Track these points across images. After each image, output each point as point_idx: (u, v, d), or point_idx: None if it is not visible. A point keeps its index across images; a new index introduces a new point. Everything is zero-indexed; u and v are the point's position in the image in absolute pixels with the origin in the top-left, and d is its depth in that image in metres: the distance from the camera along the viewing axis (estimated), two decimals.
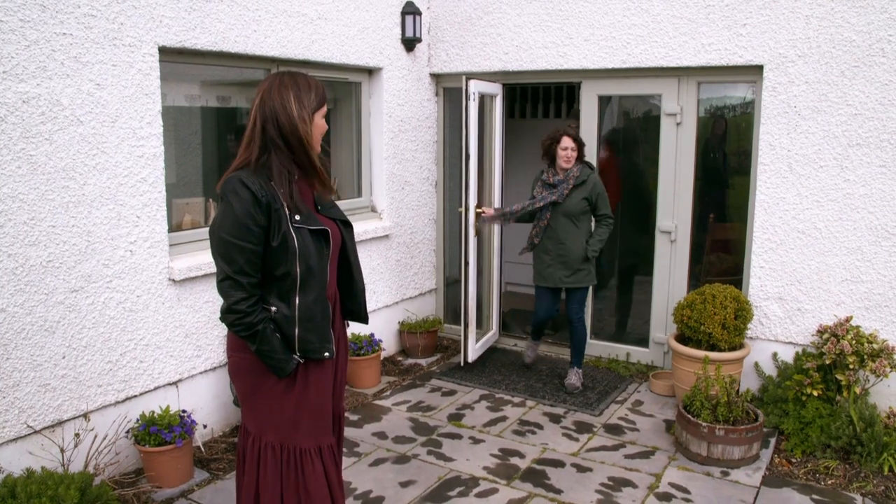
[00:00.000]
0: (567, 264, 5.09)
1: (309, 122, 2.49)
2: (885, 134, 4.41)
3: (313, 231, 2.53)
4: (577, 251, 5.06)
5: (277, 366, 2.52)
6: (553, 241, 5.11)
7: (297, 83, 2.51)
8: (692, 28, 4.98)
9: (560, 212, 5.05)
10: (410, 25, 5.70)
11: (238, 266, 2.41)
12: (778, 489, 3.96)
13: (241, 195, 2.39)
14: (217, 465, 4.15)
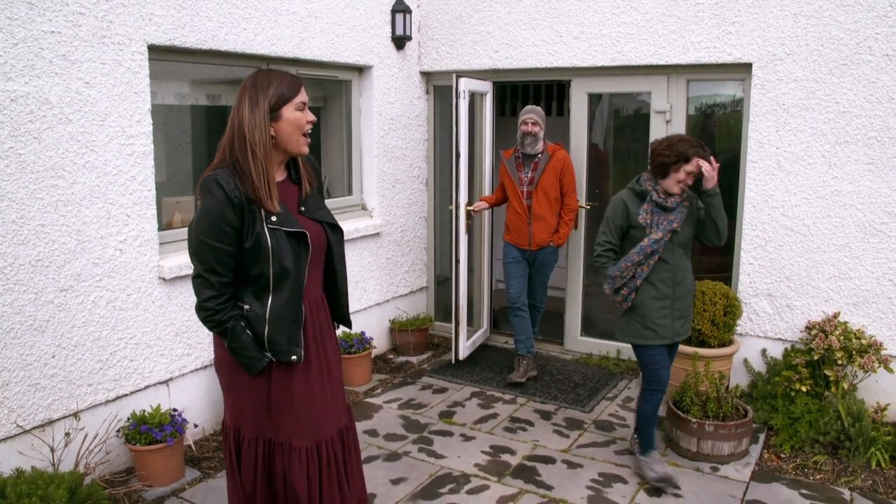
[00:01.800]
0: (683, 311, 3.89)
1: (261, 126, 2.40)
2: (872, 132, 4.45)
3: (290, 233, 2.49)
4: (690, 291, 3.94)
5: (248, 363, 2.53)
6: (669, 282, 3.82)
7: (255, 83, 2.44)
8: (681, 26, 5.00)
9: (677, 242, 3.82)
10: (400, 23, 5.70)
11: (209, 265, 2.42)
12: (767, 484, 3.98)
13: (216, 195, 2.39)
14: (208, 464, 4.15)
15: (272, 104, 2.42)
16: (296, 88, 2.48)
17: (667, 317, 3.83)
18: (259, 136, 2.41)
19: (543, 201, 5.28)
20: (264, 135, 2.42)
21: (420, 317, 6.22)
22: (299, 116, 2.48)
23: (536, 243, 5.35)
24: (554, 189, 5.26)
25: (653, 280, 3.80)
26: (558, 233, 5.34)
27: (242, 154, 2.41)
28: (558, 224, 5.34)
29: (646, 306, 3.82)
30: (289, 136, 2.48)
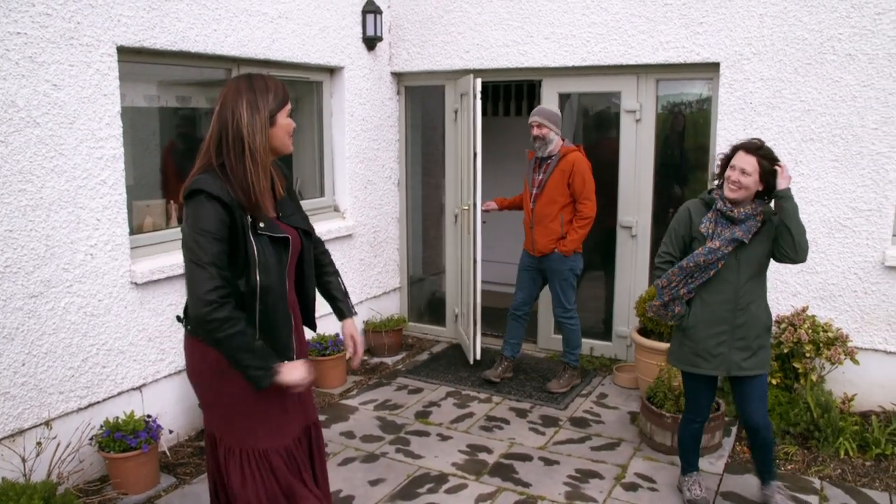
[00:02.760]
0: (747, 341, 3.37)
1: (262, 131, 2.42)
2: (836, 129, 4.55)
3: (273, 238, 2.50)
4: (760, 320, 3.38)
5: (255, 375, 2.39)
6: (729, 305, 3.35)
7: (252, 87, 2.44)
8: (650, 26, 5.07)
9: (744, 260, 3.33)
10: (371, 24, 5.69)
11: (210, 258, 2.34)
12: (741, 475, 4.06)
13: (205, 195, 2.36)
14: (184, 470, 4.11)
15: (271, 110, 2.44)
16: (287, 96, 2.53)
17: (724, 344, 3.38)
18: (260, 141, 2.41)
19: (548, 206, 5.04)
20: (265, 139, 2.43)
21: (394, 318, 6.22)
22: (289, 122, 2.54)
23: (539, 249, 5.14)
24: (561, 193, 4.99)
25: (710, 300, 3.38)
26: (564, 240, 5.05)
27: (238, 158, 2.40)
28: (566, 231, 5.05)
29: (698, 330, 3.42)
30: (280, 141, 2.51)
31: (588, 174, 4.97)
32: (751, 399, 3.44)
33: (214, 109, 2.47)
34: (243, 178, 2.40)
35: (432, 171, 6.97)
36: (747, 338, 3.37)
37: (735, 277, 3.34)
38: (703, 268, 3.34)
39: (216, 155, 2.43)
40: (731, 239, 3.28)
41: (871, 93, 4.46)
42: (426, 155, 6.91)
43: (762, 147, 3.27)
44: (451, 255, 6.38)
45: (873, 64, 4.43)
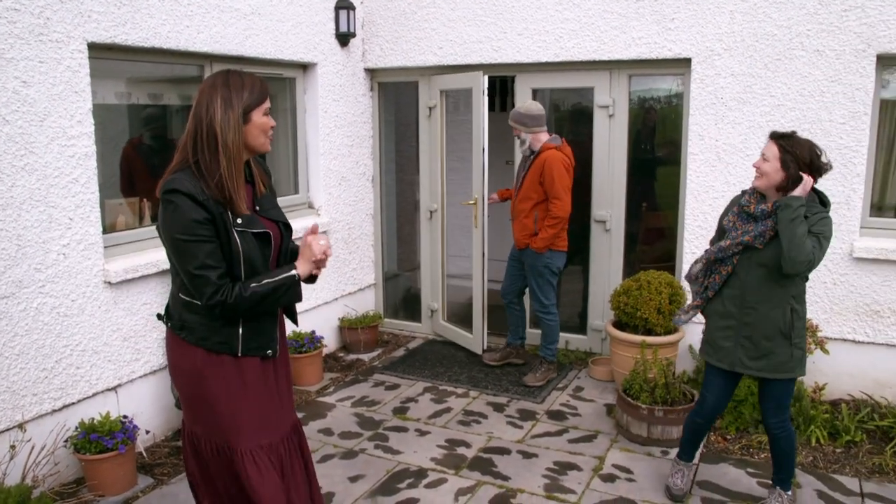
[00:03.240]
0: (753, 341, 3.36)
1: (235, 128, 2.41)
2: (805, 123, 4.63)
3: (256, 234, 2.52)
4: (772, 322, 3.30)
5: (290, 295, 2.53)
6: (737, 302, 3.39)
7: (227, 83, 2.43)
8: (623, 22, 5.11)
9: (756, 260, 3.31)
10: (344, 20, 5.67)
11: (199, 262, 2.38)
12: (715, 465, 4.13)
13: (181, 195, 2.37)
14: (161, 470, 4.07)
15: (245, 107, 2.43)
16: (265, 94, 2.51)
17: (729, 339, 3.42)
18: (233, 137, 2.40)
19: (523, 202, 5.15)
20: (237, 136, 2.42)
21: (370, 314, 6.21)
22: (265, 121, 2.52)
23: (517, 242, 5.30)
24: (535, 191, 5.06)
25: (723, 293, 3.43)
26: (536, 237, 5.11)
27: (212, 154, 2.40)
28: (539, 228, 5.10)
29: (710, 320, 3.52)
30: (255, 139, 2.51)
31: (559, 173, 4.96)
32: (763, 400, 3.48)
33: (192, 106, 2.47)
34: (217, 175, 2.40)
35: (406, 168, 6.97)
36: (754, 338, 3.35)
37: (745, 275, 3.34)
38: (715, 263, 3.42)
39: (192, 151, 2.43)
40: (740, 242, 3.30)
41: (838, 88, 4.55)
42: (399, 151, 6.90)
43: (787, 136, 3.22)
44: (426, 251, 6.39)
45: (840, 60, 4.52)
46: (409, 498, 3.80)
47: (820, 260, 3.16)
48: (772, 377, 3.37)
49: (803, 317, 3.33)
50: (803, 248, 3.08)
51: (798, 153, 3.14)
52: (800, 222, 3.09)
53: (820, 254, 3.14)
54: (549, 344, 5.35)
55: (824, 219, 3.18)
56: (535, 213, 5.10)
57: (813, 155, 3.17)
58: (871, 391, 4.64)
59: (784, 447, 3.48)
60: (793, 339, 3.29)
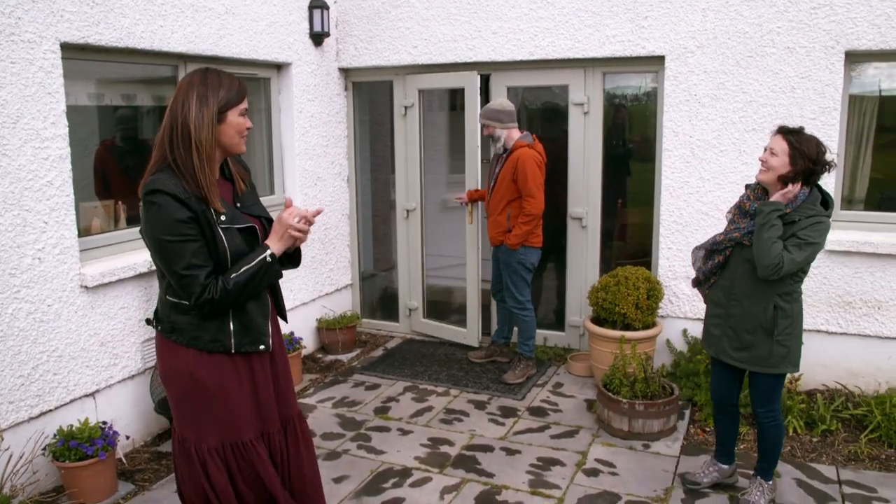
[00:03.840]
0: (737, 332, 3.42)
1: (209, 125, 2.40)
2: (777, 119, 4.71)
3: (241, 229, 2.52)
4: (755, 317, 3.34)
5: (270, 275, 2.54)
6: (725, 293, 3.46)
7: (205, 81, 2.43)
8: (597, 20, 5.16)
9: (744, 255, 3.36)
10: (318, 20, 5.64)
11: (185, 262, 2.37)
12: (696, 457, 4.18)
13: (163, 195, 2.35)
14: (142, 476, 4.01)
15: (221, 106, 2.42)
16: (242, 94, 2.51)
17: (717, 328, 3.51)
18: (205, 135, 2.39)
19: (497, 200, 5.19)
20: (210, 134, 2.41)
21: (347, 314, 6.19)
22: (241, 122, 2.51)
23: (491, 239, 5.34)
24: (508, 189, 5.09)
25: (718, 283, 3.51)
26: (510, 233, 5.15)
27: (186, 151, 2.39)
28: (512, 225, 5.13)
29: (707, 308, 3.61)
30: (230, 139, 2.50)
31: (532, 170, 4.97)
32: (751, 390, 3.54)
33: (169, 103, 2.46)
34: (192, 172, 2.40)
35: (380, 168, 6.96)
36: (737, 329, 3.41)
37: (734, 268, 3.41)
38: (711, 253, 3.49)
39: (168, 148, 2.42)
40: (730, 238, 3.37)
41: (808, 84, 4.64)
42: (374, 151, 6.89)
43: (796, 132, 3.23)
44: (402, 250, 6.39)
45: (810, 56, 4.61)
46: (395, 497, 3.80)
47: (798, 264, 3.17)
48: (754, 370, 3.42)
49: (792, 315, 3.33)
50: (769, 254, 3.14)
51: (806, 150, 3.16)
52: (769, 228, 3.16)
53: (797, 259, 3.15)
54: (526, 340, 5.38)
55: (817, 224, 3.17)
56: (509, 211, 5.14)
57: (819, 152, 3.19)
58: (844, 381, 4.74)
59: (770, 437, 3.52)
60: (775, 335, 3.31)
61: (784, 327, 3.32)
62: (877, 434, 4.28)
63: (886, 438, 4.23)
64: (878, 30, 4.45)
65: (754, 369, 3.42)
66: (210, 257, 2.44)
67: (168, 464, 4.14)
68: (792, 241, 3.17)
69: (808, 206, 3.21)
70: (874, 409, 4.36)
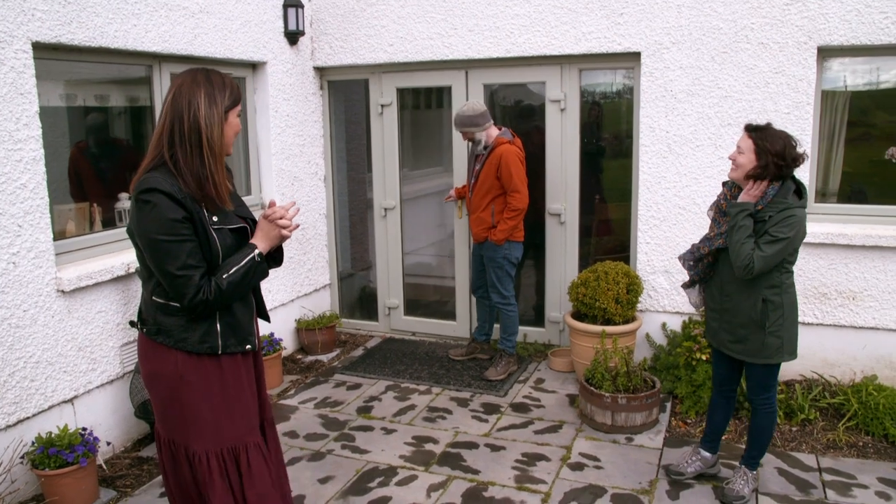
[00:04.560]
0: (732, 326, 3.50)
1: (219, 124, 2.42)
2: (751, 114, 4.78)
3: (232, 230, 2.53)
4: (745, 312, 3.41)
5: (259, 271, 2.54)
6: (717, 289, 3.55)
7: (210, 80, 2.43)
8: (573, 17, 5.18)
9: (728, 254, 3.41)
10: (293, 18, 5.59)
11: (181, 262, 2.35)
12: (679, 449, 4.22)
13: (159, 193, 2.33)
14: (124, 482, 3.96)
15: (227, 105, 2.44)
16: (240, 96, 2.54)
17: (715, 321, 3.59)
18: (217, 133, 2.41)
19: (480, 197, 5.15)
20: (221, 133, 2.42)
21: (327, 315, 6.16)
22: (237, 123, 2.54)
23: (475, 237, 5.30)
24: (492, 185, 5.06)
25: (711, 281, 3.59)
26: (494, 229, 5.13)
27: (195, 149, 2.38)
28: (497, 220, 5.11)
29: (705, 303, 3.70)
30: (229, 139, 2.51)
31: (516, 166, 4.98)
32: (747, 379, 3.61)
33: (165, 101, 2.42)
34: (200, 170, 2.39)
35: (356, 167, 6.92)
36: (731, 324, 3.49)
37: (722, 266, 3.48)
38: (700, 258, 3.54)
39: (168, 146, 2.39)
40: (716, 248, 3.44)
41: (782, 79, 4.71)
42: (350, 150, 6.84)
43: (761, 129, 3.28)
44: (381, 249, 6.37)
45: (784, 52, 4.68)
46: (382, 496, 3.79)
47: (771, 260, 3.21)
48: (750, 361, 3.48)
49: (782, 307, 3.36)
50: (738, 255, 3.23)
51: (770, 146, 3.20)
52: (737, 230, 3.24)
53: (768, 254, 3.19)
54: (509, 336, 5.39)
55: (788, 218, 3.20)
56: (493, 207, 5.12)
57: (787, 146, 3.22)
58: (820, 371, 4.82)
59: (762, 423, 3.57)
60: (766, 328, 3.36)
61: (775, 319, 3.37)
62: (854, 422, 4.35)
63: (863, 426, 4.32)
64: (849, 25, 4.52)
65: (751, 360, 3.47)
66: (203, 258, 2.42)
67: (150, 469, 4.09)
68: (764, 239, 3.22)
69: (779, 201, 3.24)
70: (851, 397, 4.44)
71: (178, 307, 2.42)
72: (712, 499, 3.70)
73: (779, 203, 3.24)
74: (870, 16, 4.48)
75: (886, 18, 4.44)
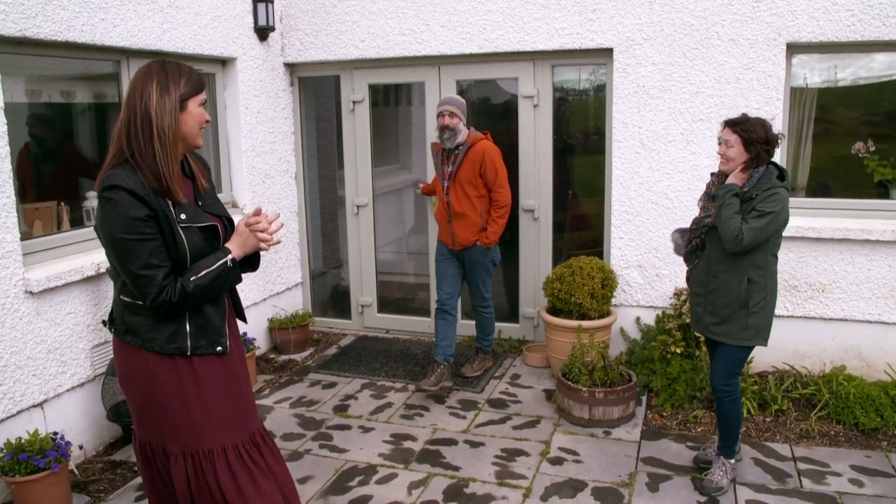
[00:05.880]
0: (716, 307, 3.60)
1: (172, 113, 2.33)
2: (723, 109, 4.84)
3: (201, 228, 2.46)
4: (731, 292, 3.52)
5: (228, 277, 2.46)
6: (703, 272, 3.66)
7: (164, 69, 2.36)
8: (546, 13, 5.19)
9: (717, 237, 3.55)
10: (263, 13, 5.52)
11: (143, 261, 2.29)
12: (656, 441, 4.27)
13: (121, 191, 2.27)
14: (97, 487, 3.87)
15: (182, 94, 2.35)
16: (202, 85, 2.44)
17: (700, 305, 3.70)
18: (168, 122, 2.32)
19: (462, 197, 4.84)
20: (174, 121, 2.34)
21: (300, 313, 6.10)
22: (202, 112, 2.45)
23: (460, 243, 4.92)
24: (474, 185, 4.81)
25: (698, 265, 3.71)
26: (485, 231, 4.89)
27: (147, 141, 2.31)
28: (486, 222, 4.90)
29: (690, 290, 3.83)
30: (190, 130, 2.42)
31: (500, 163, 4.85)
32: (714, 362, 3.71)
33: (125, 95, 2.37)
34: (153, 163, 2.32)
35: (327, 164, 6.86)
36: (716, 304, 3.60)
37: (710, 247, 3.62)
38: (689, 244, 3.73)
39: (126, 141, 2.33)
40: (704, 224, 3.60)
41: (752, 75, 4.77)
42: (321, 147, 6.79)
43: (742, 121, 3.46)
44: (353, 247, 6.33)
45: (754, 48, 4.74)
46: (363, 495, 3.76)
47: (758, 232, 3.36)
48: (727, 342, 3.59)
49: (766, 288, 3.51)
50: (728, 228, 3.39)
51: (755, 136, 3.39)
52: (725, 206, 3.43)
53: (755, 227, 3.35)
54: (488, 335, 5.36)
55: (773, 195, 3.38)
56: (480, 207, 4.88)
57: (768, 132, 3.43)
58: (792, 362, 4.91)
59: (728, 411, 3.66)
60: (750, 307, 3.49)
61: (758, 300, 3.51)
62: (825, 412, 4.44)
63: (835, 416, 4.40)
64: (817, 23, 4.60)
65: (728, 341, 3.57)
66: (168, 256, 2.36)
67: (123, 473, 4.00)
68: (752, 215, 3.39)
69: (764, 182, 3.45)
70: (822, 388, 4.52)
71: (143, 306, 2.37)
72: (691, 490, 3.74)
73: (763, 184, 3.44)
74: (836, 13, 4.56)
75: (853, 16, 4.53)
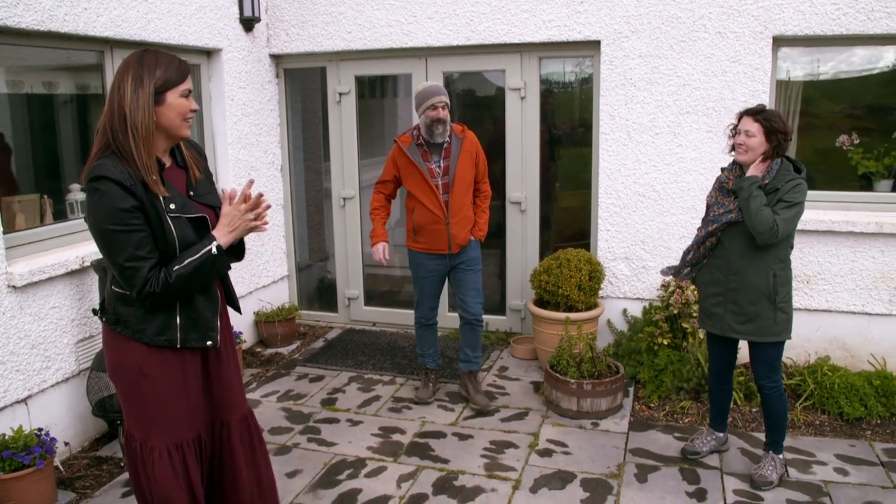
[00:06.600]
0: (740, 306, 3.54)
1: (145, 107, 2.30)
2: (710, 102, 4.85)
3: (190, 219, 2.44)
4: (756, 287, 3.47)
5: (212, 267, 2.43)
6: (723, 269, 3.57)
7: (141, 62, 2.33)
8: (533, 5, 5.17)
9: (737, 231, 3.50)
10: (249, 4, 5.46)
11: (129, 253, 2.29)
12: (644, 432, 4.29)
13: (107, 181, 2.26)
14: (83, 483, 3.83)
15: (158, 86, 2.32)
16: (183, 74, 2.40)
17: (719, 305, 3.61)
18: (141, 118, 2.30)
19: (462, 194, 4.47)
20: (147, 117, 2.31)
21: (286, 307, 6.06)
22: (183, 103, 2.41)
23: (458, 244, 4.50)
24: (471, 179, 4.52)
25: (711, 263, 3.64)
26: (477, 224, 4.61)
27: (123, 135, 2.29)
28: (476, 214, 4.62)
29: (702, 290, 3.73)
30: (171, 122, 2.40)
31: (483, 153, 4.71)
32: (755, 363, 3.65)
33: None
34: (130, 156, 2.30)
35: (313, 156, 6.82)
36: (740, 303, 3.53)
37: (730, 244, 3.54)
38: (702, 241, 3.62)
39: (111, 133, 2.32)
40: (725, 221, 3.50)
41: (739, 68, 4.79)
42: (307, 139, 6.74)
43: (762, 111, 3.43)
44: (339, 239, 6.30)
45: (741, 41, 4.76)
46: (352, 489, 3.75)
47: (791, 223, 3.36)
48: (759, 341, 3.54)
49: (788, 281, 3.51)
50: (761, 219, 3.32)
51: (777, 125, 3.38)
52: (753, 198, 3.36)
53: (788, 217, 3.34)
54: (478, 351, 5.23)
55: (797, 185, 3.37)
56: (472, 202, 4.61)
57: (785, 122, 3.43)
58: None
59: (776, 407, 3.64)
60: (777, 302, 3.47)
61: (783, 294, 3.50)
62: (810, 402, 4.48)
63: (819, 405, 4.45)
64: (803, 16, 4.62)
65: (760, 339, 3.53)
66: (157, 248, 2.35)
67: (109, 469, 3.97)
68: (780, 206, 3.36)
69: (785, 173, 3.42)
70: (807, 378, 4.57)
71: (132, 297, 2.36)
72: (679, 480, 3.76)
73: (784, 175, 3.41)
74: (822, 6, 4.58)
75: (838, 10, 4.56)
